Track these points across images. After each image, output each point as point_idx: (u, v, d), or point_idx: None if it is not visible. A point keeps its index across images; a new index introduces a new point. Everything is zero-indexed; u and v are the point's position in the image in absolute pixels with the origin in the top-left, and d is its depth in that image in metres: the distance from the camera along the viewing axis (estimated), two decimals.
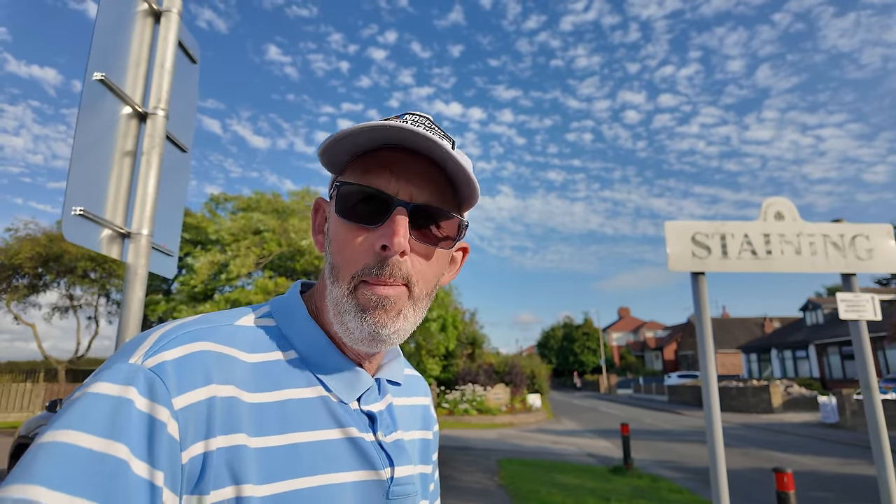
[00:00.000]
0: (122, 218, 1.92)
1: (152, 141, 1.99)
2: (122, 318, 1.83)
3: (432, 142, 0.59)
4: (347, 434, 0.63)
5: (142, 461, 0.48)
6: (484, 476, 8.86)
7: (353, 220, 0.63)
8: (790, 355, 35.44)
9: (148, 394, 0.51)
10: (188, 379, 0.54)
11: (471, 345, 22.41)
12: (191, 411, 0.53)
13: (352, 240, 0.63)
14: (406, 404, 0.79)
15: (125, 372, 0.52)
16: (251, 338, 0.63)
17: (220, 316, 0.64)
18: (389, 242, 0.59)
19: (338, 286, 0.63)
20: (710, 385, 3.23)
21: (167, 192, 2.20)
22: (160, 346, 0.55)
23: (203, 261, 11.37)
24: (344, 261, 0.63)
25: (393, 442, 0.69)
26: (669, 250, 3.42)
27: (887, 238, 3.61)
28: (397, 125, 0.58)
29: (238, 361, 0.59)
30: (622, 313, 75.73)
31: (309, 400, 0.62)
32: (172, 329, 0.58)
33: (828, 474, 9.81)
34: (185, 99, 2.35)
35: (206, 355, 0.57)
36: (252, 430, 0.56)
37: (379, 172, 0.63)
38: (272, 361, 0.62)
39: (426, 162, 0.64)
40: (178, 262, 2.38)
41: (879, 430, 3.27)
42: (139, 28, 2.05)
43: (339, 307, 0.63)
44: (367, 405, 0.68)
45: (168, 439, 0.50)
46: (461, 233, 0.68)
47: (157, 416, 0.50)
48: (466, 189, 0.66)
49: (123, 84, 1.95)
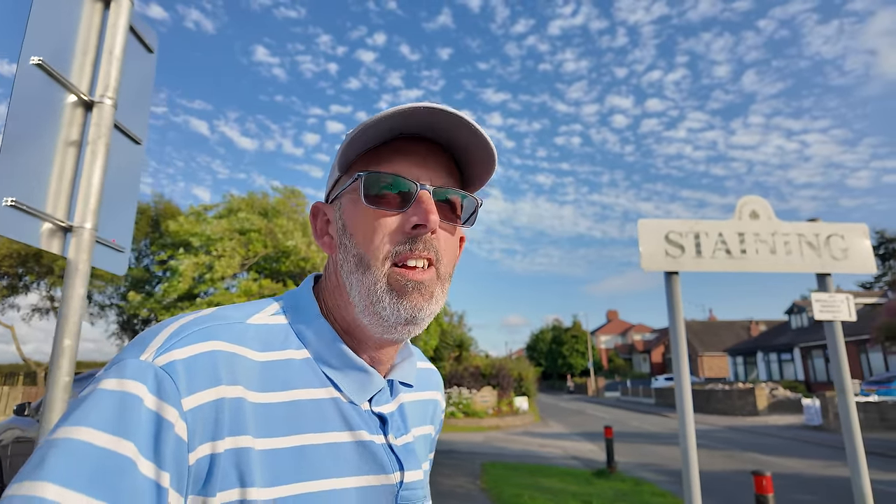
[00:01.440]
0: (64, 211, 1.83)
1: (98, 130, 1.90)
2: (61, 315, 1.74)
3: (458, 117, 0.62)
4: (357, 437, 0.63)
5: (149, 461, 0.48)
6: (467, 480, 8.78)
7: (381, 206, 0.64)
8: (776, 358, 35.73)
9: (157, 392, 0.51)
10: (198, 379, 0.53)
11: (458, 347, 22.33)
12: (199, 412, 0.52)
13: (380, 225, 0.64)
14: (417, 399, 0.79)
15: (135, 368, 0.52)
16: (263, 336, 0.62)
17: (233, 311, 0.63)
18: (424, 220, 0.62)
19: (370, 274, 0.63)
20: (682, 386, 3.18)
21: (117, 185, 2.11)
22: (172, 343, 0.55)
23: (187, 263, 11.21)
24: (374, 247, 0.63)
25: (403, 445, 0.69)
26: (642, 249, 3.37)
27: (862, 238, 3.58)
28: (428, 105, 0.60)
29: (248, 361, 0.59)
30: (610, 316, 76.03)
31: (319, 401, 0.62)
32: (186, 325, 0.58)
33: (811, 476, 9.84)
34: (139, 89, 2.27)
35: (216, 355, 0.56)
36: (257, 431, 0.56)
37: (398, 160, 0.65)
38: (283, 360, 0.62)
39: (435, 148, 0.67)
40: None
41: (853, 433, 3.24)
42: (87, 13, 1.96)
43: (371, 296, 0.63)
44: (379, 406, 0.68)
45: (175, 440, 0.50)
46: (476, 211, 0.72)
47: (165, 415, 0.50)
48: (479, 166, 0.69)
49: (68, 71, 1.86)
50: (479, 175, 0.71)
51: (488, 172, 0.70)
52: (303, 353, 0.64)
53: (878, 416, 17.14)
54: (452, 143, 0.67)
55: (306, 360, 0.64)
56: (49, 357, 6.20)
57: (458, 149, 0.68)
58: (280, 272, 12.74)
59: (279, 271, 12.75)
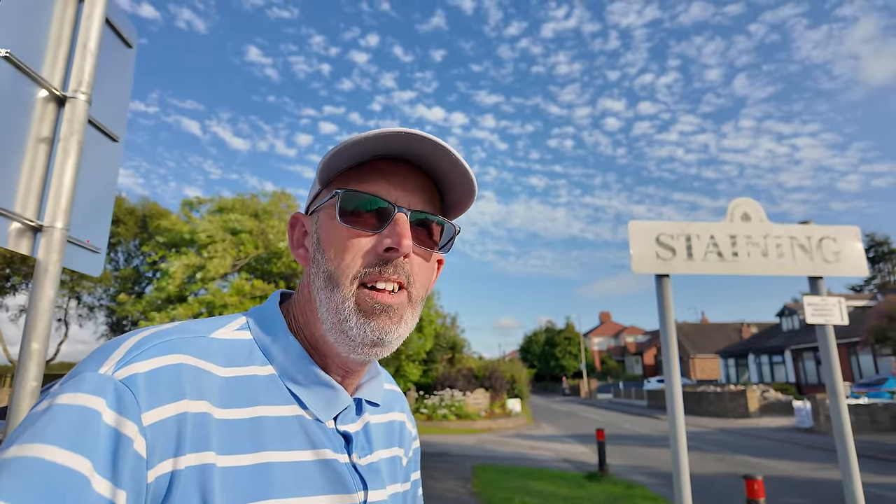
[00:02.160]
0: (34, 210, 1.76)
1: (71, 127, 1.83)
2: (29, 317, 1.68)
3: (438, 144, 0.62)
4: (321, 455, 0.62)
5: (104, 478, 0.46)
6: (457, 483, 8.72)
7: (355, 226, 0.63)
8: (767, 360, 35.92)
9: (116, 407, 0.49)
10: (160, 393, 0.52)
11: (451, 349, 22.28)
12: (160, 427, 0.51)
13: (353, 244, 0.63)
14: (382, 421, 0.78)
15: (94, 382, 0.50)
16: (227, 351, 0.61)
17: (197, 325, 0.62)
18: (397, 244, 0.61)
19: (338, 292, 0.63)
20: (673, 388, 3.14)
21: (93, 183, 2.05)
22: (133, 356, 0.53)
23: (178, 264, 11.11)
24: (344, 265, 0.63)
25: (368, 465, 0.68)
26: (633, 251, 3.33)
27: (854, 241, 3.56)
28: (408, 130, 0.60)
29: (212, 376, 0.57)
30: (603, 318, 76.23)
31: (283, 418, 0.61)
32: (147, 338, 0.56)
33: (801, 479, 9.86)
34: (116, 85, 2.20)
35: (179, 368, 0.55)
36: (220, 447, 0.55)
37: (377, 181, 0.64)
38: (247, 377, 0.61)
39: (417, 172, 0.67)
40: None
41: (845, 436, 3.21)
42: (60, 5, 1.90)
43: (338, 313, 0.62)
44: (344, 425, 0.67)
45: (134, 456, 0.49)
46: (452, 238, 0.72)
47: (124, 431, 0.49)
48: (459, 193, 0.69)
49: (39, 64, 1.79)
50: (459, 202, 0.71)
51: (468, 200, 0.70)
52: (267, 369, 0.63)
53: (869, 418, 17.25)
54: (433, 168, 0.67)
55: (271, 376, 0.63)
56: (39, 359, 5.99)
57: (439, 175, 0.68)
58: (271, 273, 12.67)
59: (270, 272, 12.68)
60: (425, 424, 19.29)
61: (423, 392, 21.12)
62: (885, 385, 20.07)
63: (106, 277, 18.14)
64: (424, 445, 13.88)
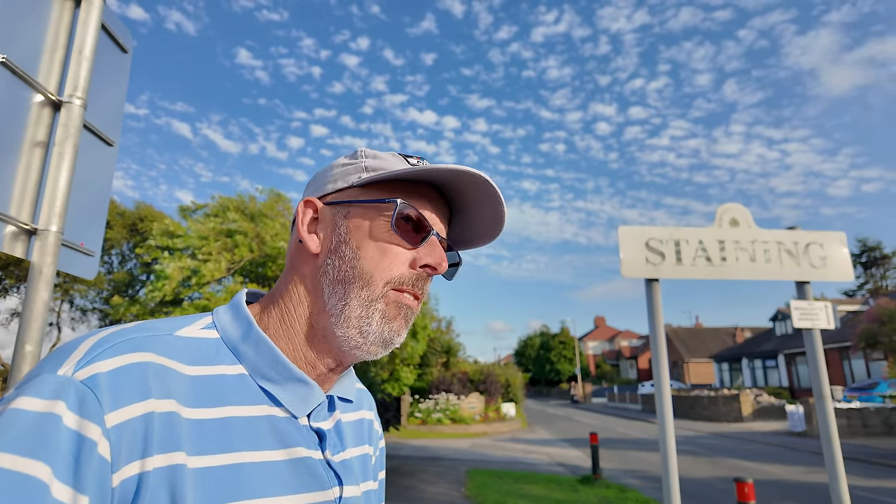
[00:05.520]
0: (28, 213, 1.78)
1: (66, 131, 1.86)
2: (23, 320, 1.69)
3: (497, 198, 0.69)
4: (294, 454, 0.61)
5: (65, 484, 0.45)
6: (451, 487, 8.72)
7: (402, 236, 0.67)
8: (760, 365, 36.04)
9: (78, 409, 0.47)
10: (124, 392, 0.50)
11: (446, 353, 22.26)
12: (125, 429, 0.49)
13: (395, 251, 0.66)
14: (353, 419, 0.78)
15: (53, 385, 0.48)
16: (192, 350, 0.59)
17: (160, 324, 0.60)
18: (437, 264, 0.67)
19: (366, 290, 0.64)
20: (662, 391, 3.17)
21: (87, 186, 2.07)
22: (94, 355, 0.51)
23: (174, 266, 11.06)
24: (381, 267, 0.65)
25: (341, 461, 0.68)
26: (623, 256, 3.36)
27: (840, 246, 3.61)
28: (483, 176, 0.65)
29: (178, 374, 0.56)
30: (598, 322, 76.38)
31: (253, 418, 0.60)
32: (108, 337, 0.54)
33: (793, 483, 9.91)
34: (112, 90, 2.23)
35: (144, 367, 0.53)
36: (191, 448, 0.53)
37: (424, 204, 0.69)
38: (214, 376, 0.59)
39: (447, 205, 0.73)
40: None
41: (832, 439, 3.25)
42: (56, 10, 1.93)
43: (360, 309, 0.64)
44: (317, 422, 0.67)
45: (98, 460, 0.47)
46: (457, 269, 0.78)
47: (86, 433, 0.47)
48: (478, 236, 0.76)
49: (35, 69, 1.82)
50: (470, 240, 0.77)
51: (479, 244, 0.77)
52: (237, 368, 0.62)
53: (861, 422, 17.35)
54: (463, 206, 0.73)
55: (240, 375, 0.62)
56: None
57: (465, 212, 0.74)
58: (266, 277, 12.64)
59: (265, 276, 12.64)
60: (420, 428, 19.25)
61: (417, 396, 21.08)
62: (876, 389, 20.18)
63: (99, 280, 18.05)
64: (417, 449, 13.86)
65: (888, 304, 17.79)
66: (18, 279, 17.99)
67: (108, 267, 19.27)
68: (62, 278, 18.18)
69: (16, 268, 17.20)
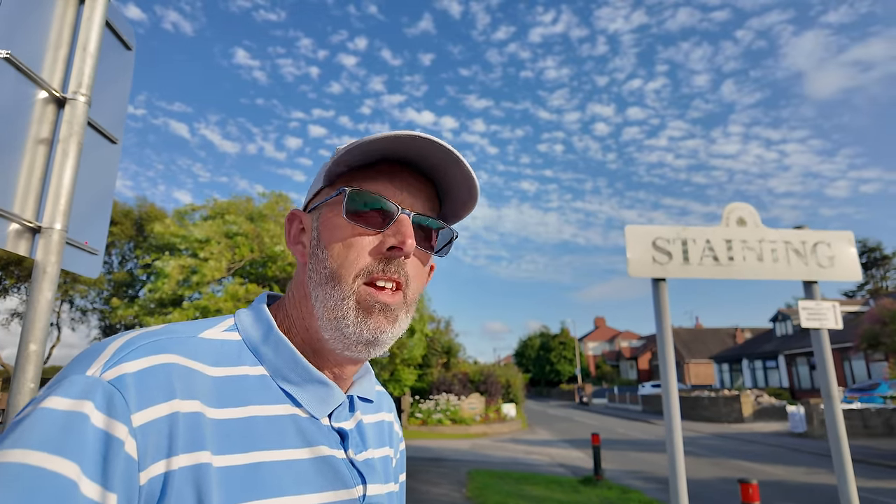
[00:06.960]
0: (32, 211, 1.76)
1: (70, 128, 1.84)
2: (27, 319, 1.67)
3: (447, 150, 0.64)
4: (317, 453, 0.62)
5: (93, 482, 0.46)
6: (452, 488, 8.70)
7: (360, 224, 0.65)
8: (761, 365, 36.04)
9: (105, 409, 0.49)
10: (150, 393, 0.51)
11: (446, 354, 22.25)
12: (151, 428, 0.50)
13: (357, 241, 0.64)
14: (374, 421, 0.78)
15: (82, 385, 0.49)
16: (216, 351, 0.61)
17: (184, 326, 0.62)
18: (401, 244, 0.63)
19: (339, 288, 0.63)
20: (669, 392, 3.15)
21: (91, 184, 2.04)
22: (121, 356, 0.53)
23: (173, 265, 11.04)
24: (347, 262, 0.64)
25: (364, 460, 0.68)
26: (630, 255, 3.35)
27: (848, 246, 3.59)
28: (415, 133, 0.61)
29: (202, 375, 0.57)
30: (598, 323, 76.40)
31: (276, 417, 0.61)
32: (135, 338, 0.56)
33: (794, 483, 9.89)
34: (115, 87, 2.21)
35: (169, 368, 0.54)
36: (216, 447, 0.54)
37: (382, 182, 0.66)
38: (238, 376, 0.60)
39: (420, 176, 0.69)
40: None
41: (840, 440, 3.23)
42: (60, 8, 1.91)
43: (337, 310, 0.63)
44: (339, 422, 0.67)
45: (125, 458, 0.48)
46: (450, 243, 0.74)
47: (114, 433, 0.48)
48: (460, 199, 0.71)
49: (39, 66, 1.80)
50: (458, 209, 0.73)
51: (468, 207, 0.72)
52: (258, 369, 0.63)
53: (861, 423, 17.35)
54: (436, 172, 0.69)
55: (262, 376, 0.62)
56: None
57: (441, 180, 0.70)
58: (266, 277, 12.61)
59: (265, 276, 12.62)
60: (420, 429, 19.23)
61: (418, 396, 21.07)
62: (877, 390, 20.17)
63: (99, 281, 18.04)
64: (419, 450, 13.84)
65: (890, 305, 17.77)
66: (19, 279, 17.97)
67: (108, 267, 19.25)
68: (62, 278, 18.15)
69: (16, 268, 17.18)
